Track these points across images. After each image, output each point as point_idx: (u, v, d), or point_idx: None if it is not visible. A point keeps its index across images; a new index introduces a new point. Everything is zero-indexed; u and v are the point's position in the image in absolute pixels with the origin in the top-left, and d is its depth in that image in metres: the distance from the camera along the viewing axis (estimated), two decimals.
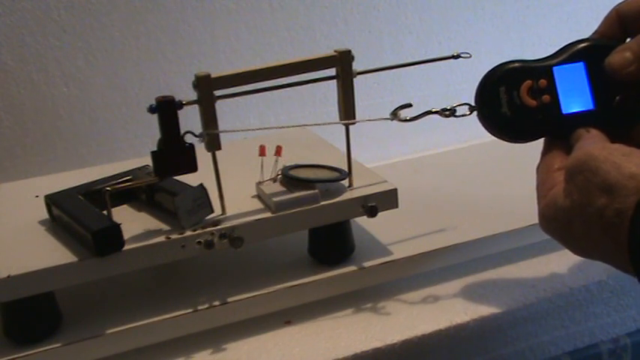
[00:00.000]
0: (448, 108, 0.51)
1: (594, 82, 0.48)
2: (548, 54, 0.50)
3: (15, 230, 0.55)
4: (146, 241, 0.50)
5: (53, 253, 0.50)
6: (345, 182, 0.57)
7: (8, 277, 0.47)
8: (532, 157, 0.50)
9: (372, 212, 0.55)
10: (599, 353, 0.61)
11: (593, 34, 0.50)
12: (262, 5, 0.79)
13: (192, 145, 0.50)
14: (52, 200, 0.55)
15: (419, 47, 0.88)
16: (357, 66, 0.55)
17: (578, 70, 0.48)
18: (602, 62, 0.47)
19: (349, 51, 0.54)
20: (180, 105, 0.49)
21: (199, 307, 0.53)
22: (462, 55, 0.56)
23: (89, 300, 0.56)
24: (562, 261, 0.62)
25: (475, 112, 0.50)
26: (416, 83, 0.89)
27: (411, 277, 0.60)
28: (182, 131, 0.50)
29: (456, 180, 0.76)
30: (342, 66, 0.54)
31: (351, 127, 0.57)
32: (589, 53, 0.48)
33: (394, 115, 0.53)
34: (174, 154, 0.50)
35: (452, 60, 0.57)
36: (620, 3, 0.49)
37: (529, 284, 0.59)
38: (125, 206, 0.58)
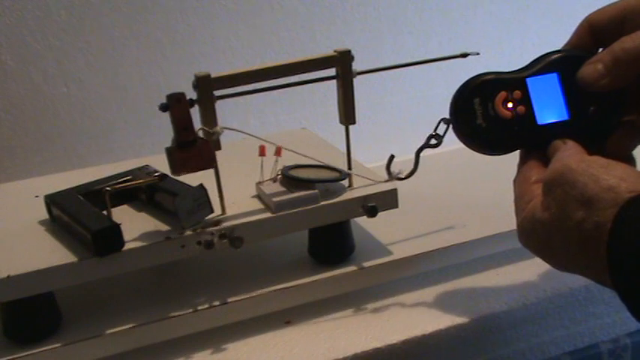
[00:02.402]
0: (433, 134, 0.50)
1: (568, 92, 0.48)
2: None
3: (15, 230, 0.55)
4: (146, 241, 0.50)
5: (53, 253, 0.50)
6: (345, 182, 0.57)
7: (8, 277, 0.47)
8: None
9: (372, 212, 0.55)
10: (599, 353, 0.61)
11: (566, 45, 0.50)
12: (262, 5, 0.79)
13: (207, 141, 0.50)
14: (52, 200, 0.55)
15: (419, 47, 0.88)
16: (357, 66, 0.55)
17: (551, 80, 0.48)
18: (575, 73, 0.47)
19: (349, 51, 0.54)
20: (192, 103, 0.50)
21: (199, 307, 0.53)
22: (471, 54, 0.56)
23: (89, 300, 0.56)
24: None
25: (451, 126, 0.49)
26: (416, 83, 0.89)
27: (411, 277, 0.60)
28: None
29: (456, 180, 0.76)
30: (342, 66, 0.54)
31: (350, 127, 0.57)
32: (562, 64, 0.48)
33: (389, 174, 0.53)
34: (189, 150, 0.50)
35: (452, 60, 0.57)
36: (592, 13, 0.48)
37: (529, 284, 0.59)
38: (125, 206, 0.58)
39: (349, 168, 0.58)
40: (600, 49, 0.48)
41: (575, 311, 0.59)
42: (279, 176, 0.57)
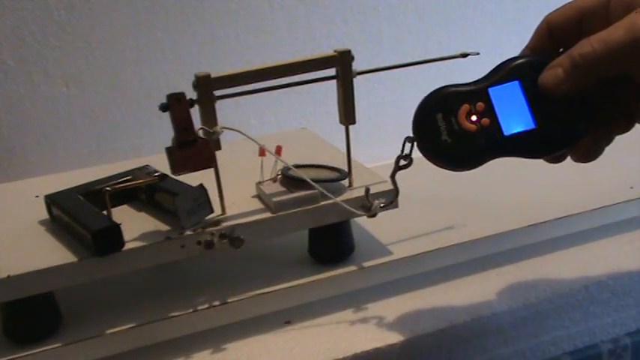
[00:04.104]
0: (401, 155, 0.47)
1: (532, 99, 0.46)
2: None
3: (15, 230, 0.55)
4: (146, 241, 0.50)
5: (53, 253, 0.50)
6: (345, 182, 0.57)
7: (8, 277, 0.47)
8: None
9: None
10: (599, 353, 0.61)
11: (526, 46, 0.49)
12: (262, 5, 0.79)
13: (207, 140, 0.50)
14: (52, 200, 0.55)
15: (419, 47, 0.88)
16: (357, 66, 0.55)
17: (513, 88, 0.46)
18: (536, 79, 0.45)
19: (349, 51, 0.54)
20: (192, 103, 0.50)
21: (199, 307, 0.53)
22: (471, 54, 0.56)
23: (89, 300, 0.56)
24: (562, 261, 0.62)
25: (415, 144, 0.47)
26: (416, 83, 0.89)
27: (411, 277, 0.60)
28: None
29: (455, 180, 0.76)
30: (342, 66, 0.54)
31: (351, 127, 0.57)
32: (522, 71, 0.46)
33: (370, 205, 0.52)
34: (189, 149, 0.50)
35: (452, 60, 0.57)
36: (550, 13, 0.47)
37: (529, 284, 0.59)
38: (125, 206, 0.58)
39: (349, 168, 0.58)
40: (561, 50, 0.47)
41: (575, 311, 0.59)
42: (279, 176, 0.57)
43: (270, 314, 0.56)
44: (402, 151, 0.48)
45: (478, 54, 0.56)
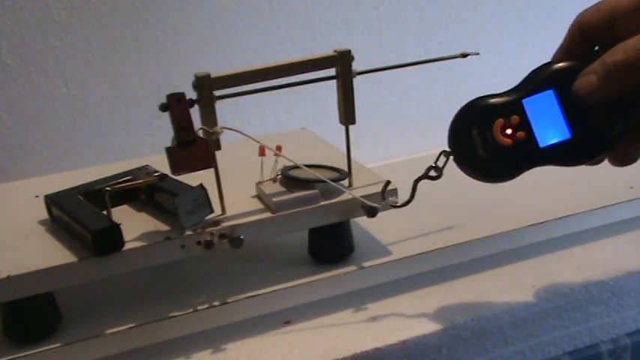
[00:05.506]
0: (433, 165, 0.48)
1: (567, 108, 0.46)
2: (547, 54, 0.50)
3: (15, 230, 0.55)
4: (146, 241, 0.50)
5: (53, 253, 0.50)
6: (345, 182, 0.57)
7: (8, 277, 0.47)
8: None
9: (371, 212, 0.55)
10: (599, 353, 0.61)
11: (559, 47, 0.48)
12: (262, 5, 0.79)
13: (207, 140, 0.51)
14: (52, 200, 0.55)
15: (419, 47, 0.88)
16: (357, 66, 0.55)
17: (548, 98, 0.46)
18: (570, 86, 0.45)
19: (349, 51, 0.54)
20: (192, 103, 0.50)
21: (199, 307, 0.53)
22: (471, 54, 0.56)
23: (89, 300, 0.56)
24: (562, 261, 0.62)
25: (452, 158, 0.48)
26: (416, 83, 0.89)
27: (411, 277, 0.60)
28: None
29: (455, 180, 0.76)
30: (342, 66, 0.54)
31: (351, 127, 0.57)
32: (556, 78, 0.46)
33: (384, 200, 0.53)
34: (189, 149, 0.50)
35: (452, 60, 0.57)
36: (582, 13, 0.46)
37: (529, 284, 0.59)
38: (125, 206, 0.58)
39: (349, 168, 0.58)
40: (596, 48, 0.47)
41: (575, 311, 0.59)
42: (279, 176, 0.57)
43: (270, 314, 0.56)
44: (436, 162, 0.48)
45: (478, 54, 0.56)
